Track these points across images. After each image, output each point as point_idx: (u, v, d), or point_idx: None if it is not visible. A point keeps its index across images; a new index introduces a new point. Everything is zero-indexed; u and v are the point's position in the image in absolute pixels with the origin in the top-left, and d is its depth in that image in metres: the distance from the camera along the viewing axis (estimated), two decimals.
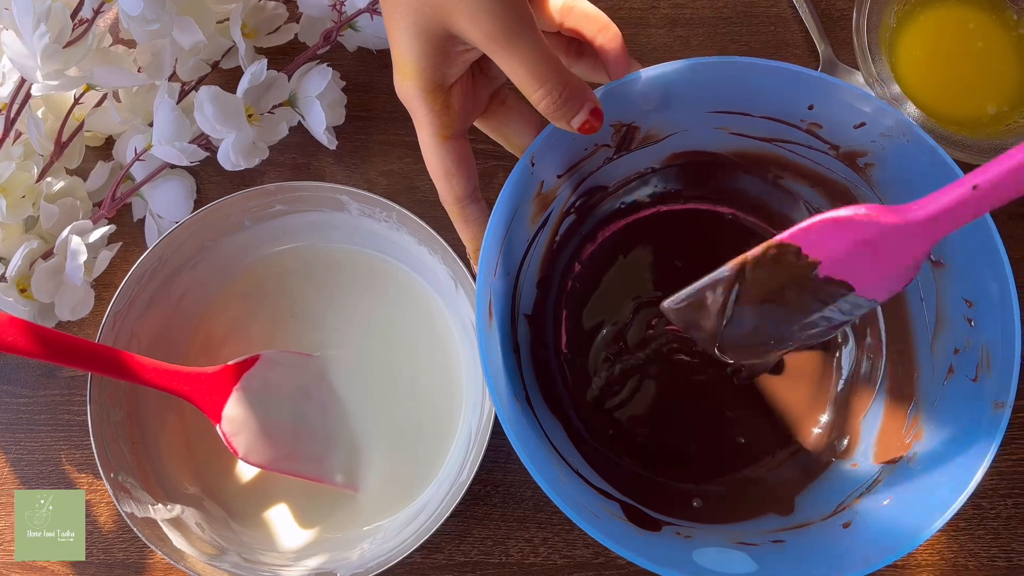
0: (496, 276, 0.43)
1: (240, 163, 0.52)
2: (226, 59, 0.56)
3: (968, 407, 0.42)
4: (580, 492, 0.44)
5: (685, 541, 0.44)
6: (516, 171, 0.42)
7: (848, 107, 0.43)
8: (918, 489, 0.42)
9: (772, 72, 0.43)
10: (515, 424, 0.40)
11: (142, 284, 0.50)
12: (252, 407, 0.50)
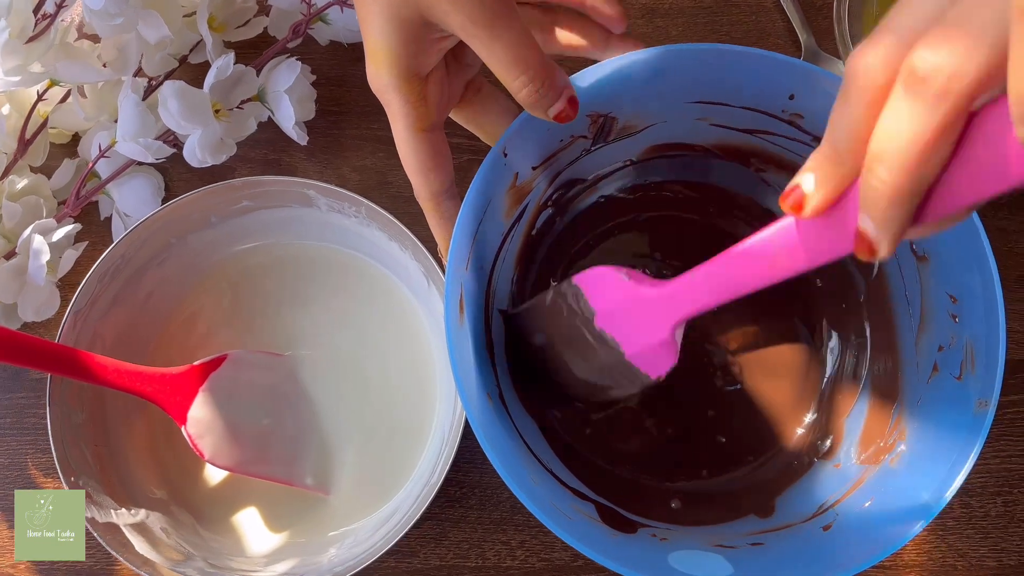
0: (468, 270, 0.42)
1: (207, 160, 0.51)
2: (194, 54, 0.55)
3: (952, 406, 0.41)
4: (553, 493, 0.43)
5: (661, 544, 0.43)
6: (488, 161, 0.41)
7: (829, 96, 0.41)
8: (900, 491, 0.40)
9: (751, 59, 0.42)
10: (485, 423, 0.39)
11: (104, 282, 0.48)
12: (219, 408, 0.48)
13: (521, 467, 0.41)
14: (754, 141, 0.47)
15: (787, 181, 0.47)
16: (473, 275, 0.43)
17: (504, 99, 0.43)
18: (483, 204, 0.42)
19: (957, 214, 0.25)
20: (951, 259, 0.41)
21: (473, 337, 0.43)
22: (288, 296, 0.54)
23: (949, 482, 0.38)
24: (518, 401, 0.47)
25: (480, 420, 0.38)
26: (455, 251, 0.40)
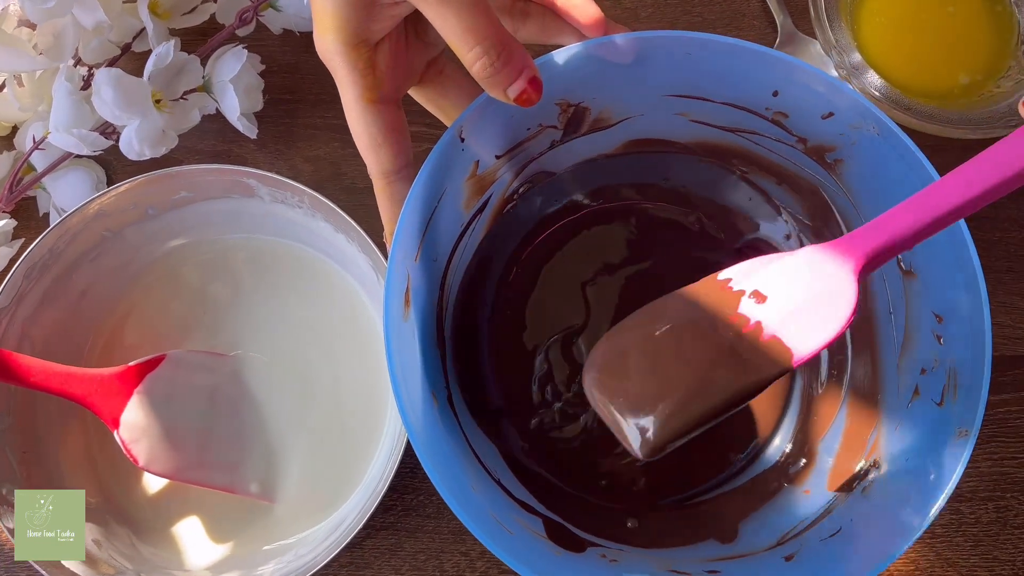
0: (418, 260, 0.39)
1: (145, 152, 0.48)
2: (138, 42, 0.52)
3: (931, 434, 0.38)
4: (495, 504, 0.40)
5: (610, 565, 0.40)
6: (441, 144, 0.38)
7: (814, 94, 0.39)
8: (869, 523, 0.38)
9: (731, 51, 0.39)
10: (422, 426, 0.36)
11: (33, 278, 0.46)
12: (155, 411, 0.46)
13: (461, 474, 0.38)
14: (737, 140, 0.44)
15: (773, 186, 0.45)
16: (424, 266, 0.40)
17: (467, 82, 0.41)
18: (436, 191, 0.39)
19: None
20: (939, 275, 0.39)
21: (421, 333, 0.40)
22: (231, 292, 0.51)
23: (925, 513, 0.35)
24: (467, 406, 0.45)
25: (416, 421, 0.35)
26: (400, 239, 0.37)
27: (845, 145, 0.40)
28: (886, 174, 0.39)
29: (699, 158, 0.47)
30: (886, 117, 0.38)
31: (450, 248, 0.44)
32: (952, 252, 0.37)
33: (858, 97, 0.38)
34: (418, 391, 0.38)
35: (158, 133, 0.48)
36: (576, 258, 0.49)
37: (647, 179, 0.49)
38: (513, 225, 0.48)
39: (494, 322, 0.48)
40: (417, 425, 0.35)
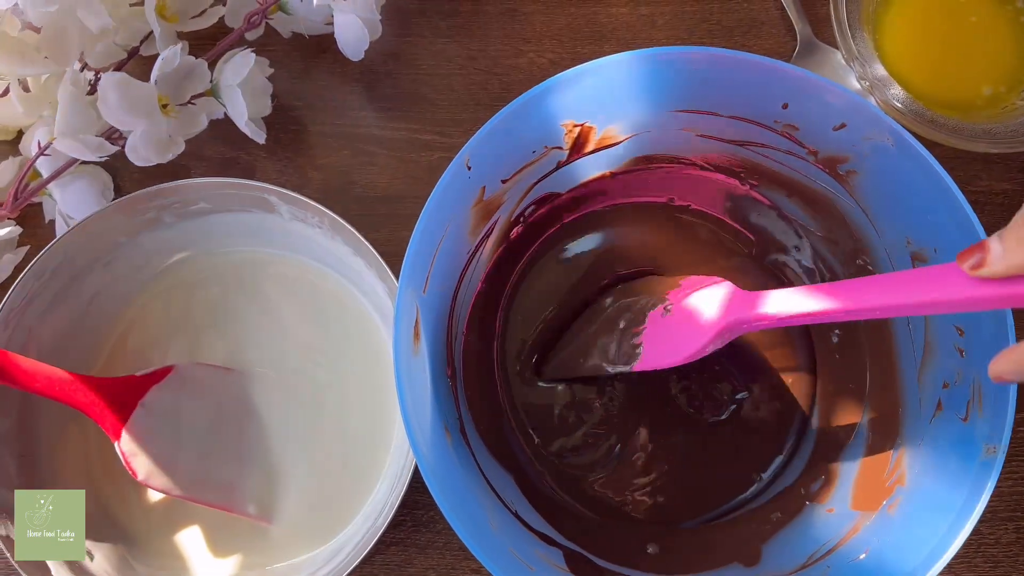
0: (425, 293, 0.38)
1: (151, 158, 0.47)
2: (145, 45, 0.51)
3: (957, 450, 0.37)
4: (515, 537, 0.39)
5: None
6: (449, 174, 0.38)
7: (826, 106, 0.38)
8: (898, 543, 0.37)
9: (739, 65, 0.38)
10: (435, 462, 0.35)
11: (43, 280, 0.45)
12: (158, 425, 0.45)
13: (478, 509, 0.37)
14: (746, 154, 0.44)
15: (784, 199, 0.45)
16: (433, 296, 0.40)
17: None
18: (443, 221, 0.39)
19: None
20: None
21: (431, 366, 0.40)
22: (244, 307, 0.50)
23: (953, 535, 0.34)
24: (481, 437, 0.44)
25: (430, 458, 0.35)
26: (409, 274, 0.36)
27: (858, 156, 0.40)
28: (901, 184, 0.38)
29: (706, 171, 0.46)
30: (900, 127, 0.37)
31: (457, 276, 0.43)
32: None
33: (872, 108, 0.37)
34: (430, 426, 0.37)
35: (164, 139, 0.47)
36: (586, 278, 0.48)
37: (655, 196, 0.48)
38: (519, 248, 0.48)
39: (504, 349, 0.47)
40: (431, 463, 0.35)
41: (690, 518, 0.45)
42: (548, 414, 0.46)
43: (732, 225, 0.48)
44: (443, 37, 0.54)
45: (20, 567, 0.41)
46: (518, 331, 0.47)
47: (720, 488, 0.45)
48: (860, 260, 0.43)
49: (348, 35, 0.48)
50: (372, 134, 0.53)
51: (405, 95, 0.54)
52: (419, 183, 0.52)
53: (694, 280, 0.43)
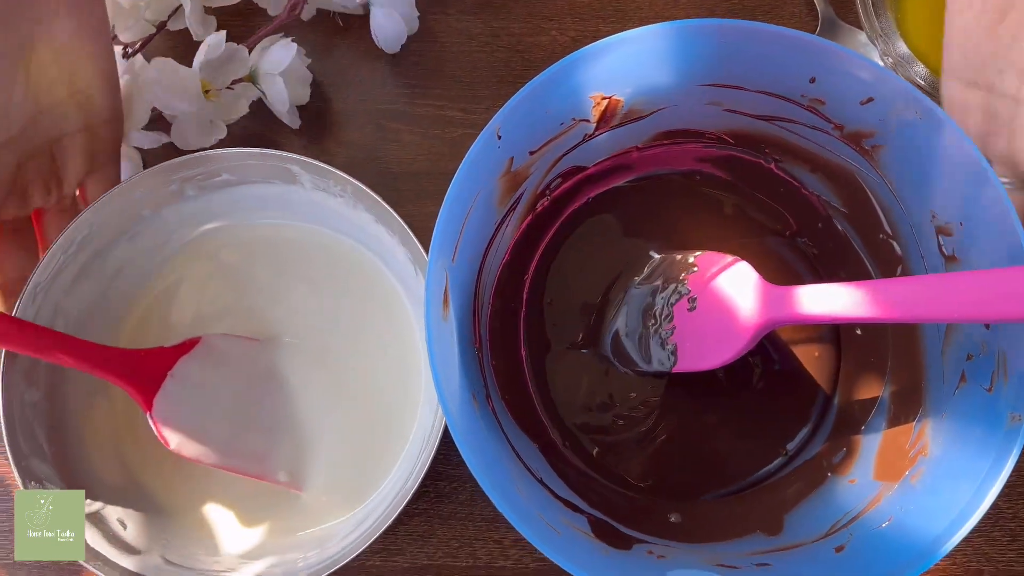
0: (454, 261, 0.39)
1: (196, 143, 0.48)
2: (174, 20, 0.51)
3: (981, 420, 0.37)
4: (541, 504, 0.39)
5: (658, 561, 0.39)
6: (479, 143, 0.38)
7: (854, 79, 0.39)
8: (922, 511, 0.37)
9: (770, 38, 0.38)
10: (467, 429, 0.35)
11: (70, 255, 0.45)
12: (188, 395, 0.46)
13: (506, 476, 0.38)
14: (770, 129, 0.44)
15: (807, 175, 0.45)
16: (461, 266, 0.40)
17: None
18: (472, 190, 0.39)
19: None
20: (985, 260, 0.38)
21: (459, 333, 0.40)
22: (268, 278, 0.50)
23: (975, 506, 0.34)
24: (506, 406, 0.44)
25: (461, 424, 0.35)
26: (440, 240, 0.37)
27: (885, 130, 0.40)
28: (928, 158, 0.39)
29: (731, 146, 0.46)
30: (930, 101, 0.37)
31: (484, 247, 0.43)
32: (1000, 238, 0.36)
33: (901, 81, 0.38)
34: (458, 393, 0.37)
35: (207, 123, 0.48)
36: (611, 251, 0.48)
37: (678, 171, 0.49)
38: (545, 221, 0.48)
39: (529, 320, 0.47)
40: (462, 428, 0.35)
41: (713, 490, 0.45)
42: (572, 386, 0.47)
43: (756, 201, 0.48)
44: (467, 15, 0.55)
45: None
46: (543, 303, 0.48)
47: (745, 462, 0.45)
48: (882, 235, 0.44)
49: (387, 31, 0.49)
50: (396, 111, 0.53)
51: (429, 72, 0.54)
52: (443, 159, 0.53)
53: (707, 259, 0.43)
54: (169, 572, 0.44)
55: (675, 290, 0.44)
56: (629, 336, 0.45)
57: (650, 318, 0.44)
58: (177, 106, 0.47)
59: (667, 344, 0.43)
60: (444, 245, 0.37)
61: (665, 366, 0.43)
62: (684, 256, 0.45)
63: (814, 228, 0.47)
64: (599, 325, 0.47)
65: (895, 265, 0.43)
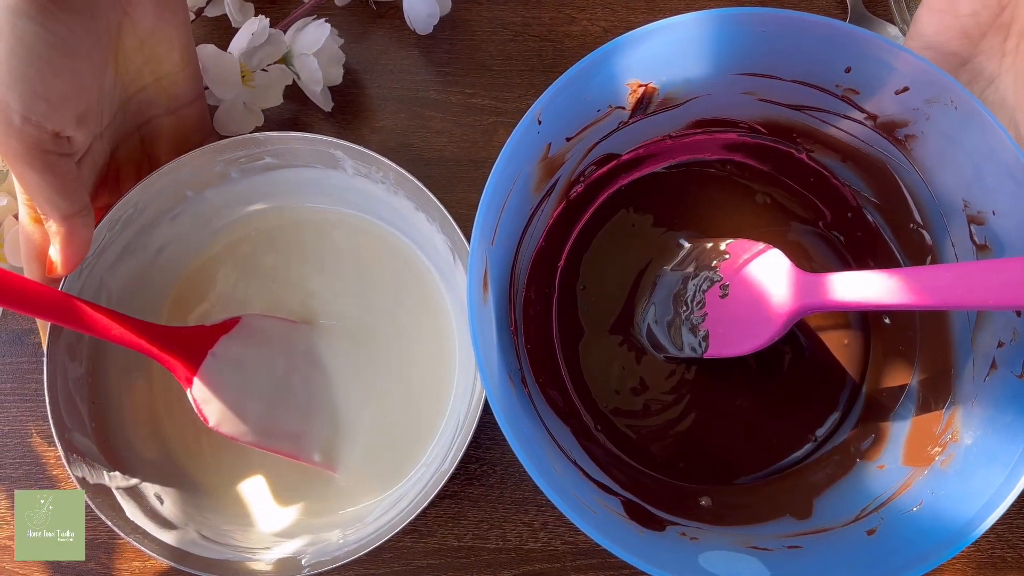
0: (493, 244, 0.39)
1: (237, 129, 0.49)
2: (212, 6, 0.52)
3: (1012, 406, 0.38)
4: (577, 485, 0.40)
5: (691, 543, 0.40)
6: (520, 128, 0.38)
7: (890, 69, 0.39)
8: (952, 496, 0.37)
9: (806, 27, 0.39)
10: (507, 409, 0.36)
11: (115, 232, 0.46)
12: (228, 374, 0.46)
13: (544, 456, 0.38)
14: (802, 118, 0.45)
15: (838, 164, 0.46)
16: (499, 251, 0.41)
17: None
18: (513, 175, 0.39)
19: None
20: (1016, 250, 0.38)
21: (496, 318, 0.41)
22: (307, 261, 0.51)
23: (1007, 491, 0.35)
24: (540, 389, 0.45)
25: (502, 405, 0.36)
26: (482, 223, 0.37)
27: (919, 120, 0.40)
28: (961, 147, 0.39)
29: (763, 135, 0.47)
30: (966, 90, 0.37)
31: (520, 232, 0.44)
32: None
33: (937, 71, 0.38)
34: (497, 375, 0.38)
35: (244, 110, 0.48)
36: (643, 238, 0.49)
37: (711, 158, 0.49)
38: (579, 207, 0.48)
39: (562, 305, 0.48)
40: (504, 408, 0.36)
41: (744, 475, 0.46)
42: (605, 371, 0.47)
43: (787, 190, 0.49)
44: (499, 4, 0.55)
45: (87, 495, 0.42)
46: (577, 289, 0.48)
47: (774, 447, 0.46)
48: (913, 224, 0.44)
49: (419, 10, 0.49)
50: (429, 98, 0.54)
51: (461, 60, 0.55)
52: (474, 146, 0.53)
53: (739, 246, 0.44)
54: (205, 547, 0.44)
55: (707, 277, 0.44)
56: (660, 322, 0.46)
57: (682, 304, 0.45)
58: (222, 93, 0.47)
59: (699, 330, 0.44)
60: (485, 229, 0.38)
61: (697, 352, 0.44)
62: (716, 243, 0.46)
63: (844, 217, 0.48)
64: (631, 311, 0.47)
65: (925, 254, 0.44)
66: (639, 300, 0.48)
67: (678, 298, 0.45)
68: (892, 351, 0.46)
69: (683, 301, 0.45)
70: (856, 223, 0.47)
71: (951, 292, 0.34)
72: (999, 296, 0.33)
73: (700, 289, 0.44)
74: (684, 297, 0.45)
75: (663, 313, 0.46)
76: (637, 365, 0.47)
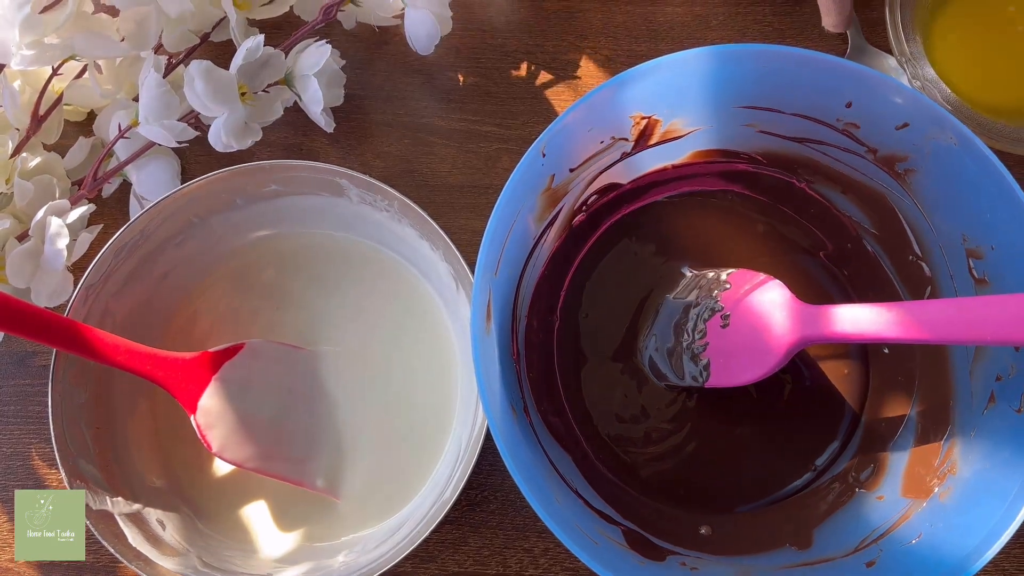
0: (496, 275, 0.40)
1: (232, 144, 0.48)
2: (217, 31, 0.52)
3: (1010, 440, 0.38)
4: (578, 514, 0.40)
5: (691, 573, 0.40)
6: (525, 162, 0.39)
7: (891, 105, 0.40)
8: (951, 529, 0.38)
9: (807, 64, 0.39)
10: (509, 440, 0.36)
11: (121, 258, 0.46)
12: (231, 399, 0.46)
13: (545, 486, 0.39)
14: (803, 151, 0.45)
15: (838, 196, 0.46)
16: (503, 281, 0.41)
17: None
18: (516, 207, 0.40)
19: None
20: (1014, 284, 0.39)
21: (499, 347, 0.41)
22: (311, 287, 0.51)
23: (1006, 524, 0.35)
24: (542, 418, 0.45)
25: (504, 435, 0.36)
26: (486, 255, 0.38)
27: (919, 155, 0.41)
28: (961, 183, 0.39)
29: (764, 167, 0.47)
30: (965, 127, 0.38)
31: (523, 261, 0.44)
32: None
33: (937, 108, 0.38)
34: (499, 404, 0.38)
35: (242, 125, 0.49)
36: (645, 267, 0.49)
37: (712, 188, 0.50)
38: (581, 236, 0.49)
39: (564, 333, 0.48)
40: (506, 439, 0.36)
41: (744, 504, 0.46)
42: (606, 399, 0.47)
43: (787, 220, 0.49)
44: (504, 32, 0.56)
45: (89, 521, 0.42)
46: (579, 317, 0.48)
47: (775, 476, 0.46)
48: (912, 256, 0.45)
49: (420, 30, 0.50)
50: (433, 124, 0.54)
51: (465, 87, 0.55)
52: (478, 173, 0.54)
53: (740, 277, 0.44)
54: (206, 574, 0.44)
55: (708, 306, 0.45)
56: (661, 351, 0.46)
57: (683, 333, 0.45)
58: (215, 108, 0.47)
59: (700, 359, 0.44)
60: (489, 261, 0.38)
61: (698, 381, 0.44)
62: (717, 273, 0.46)
63: (844, 248, 0.48)
64: (633, 339, 0.48)
65: (924, 286, 0.44)
66: (641, 328, 0.48)
67: (680, 327, 0.46)
68: (891, 382, 0.46)
69: (684, 330, 0.45)
70: (856, 253, 0.48)
71: (949, 328, 0.35)
72: (997, 332, 0.33)
73: (701, 318, 0.45)
74: (685, 326, 0.45)
75: (665, 341, 0.46)
76: (639, 393, 0.47)
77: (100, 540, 0.42)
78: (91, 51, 0.48)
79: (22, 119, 0.50)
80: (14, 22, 0.43)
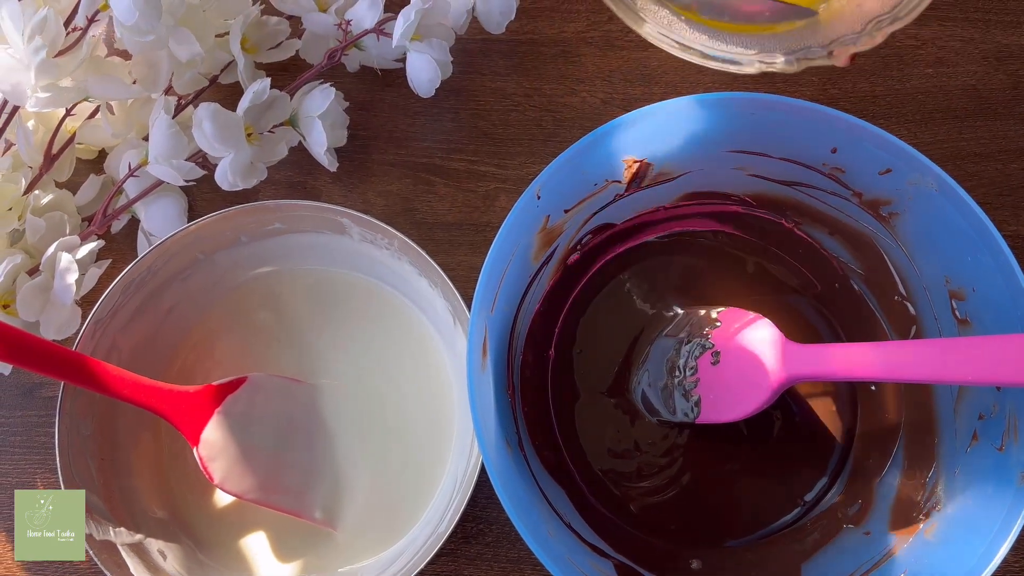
0: (493, 312, 0.41)
1: (238, 183, 0.50)
2: (225, 74, 0.54)
3: (992, 478, 0.39)
4: (571, 548, 0.41)
5: None
6: (521, 203, 0.40)
7: (874, 152, 0.41)
8: (936, 565, 0.39)
9: (795, 111, 0.41)
10: (503, 475, 0.37)
11: (128, 294, 0.48)
12: (233, 432, 0.47)
13: (538, 519, 0.40)
14: (791, 193, 0.47)
15: (826, 237, 0.47)
16: (499, 319, 0.42)
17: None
18: (512, 246, 0.41)
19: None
20: (995, 325, 0.40)
21: (495, 382, 0.42)
22: (312, 323, 0.52)
23: (989, 556, 0.36)
24: (536, 452, 0.46)
25: (498, 469, 0.37)
26: (482, 293, 0.39)
27: (902, 199, 0.42)
28: (943, 226, 0.41)
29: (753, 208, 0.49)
30: (944, 173, 0.39)
31: (519, 299, 0.46)
32: (1009, 299, 0.38)
33: (919, 156, 0.40)
34: (494, 439, 0.39)
35: (248, 165, 0.50)
36: (637, 304, 0.50)
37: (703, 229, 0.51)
38: (576, 274, 0.50)
39: (559, 369, 0.49)
40: (501, 475, 0.37)
41: (734, 538, 0.47)
42: (599, 434, 0.48)
43: (776, 260, 0.50)
44: (502, 75, 0.57)
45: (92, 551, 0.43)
46: (573, 353, 0.50)
47: (764, 510, 0.47)
48: (897, 296, 0.46)
49: (421, 75, 0.51)
50: (433, 164, 0.56)
51: (465, 128, 0.57)
52: (476, 211, 0.55)
53: (730, 315, 0.46)
54: None
55: (699, 344, 0.46)
56: (654, 387, 0.47)
57: (675, 370, 0.46)
58: (222, 148, 0.49)
59: (691, 396, 0.45)
60: (485, 299, 0.40)
61: (689, 417, 0.45)
62: (708, 311, 0.47)
63: (832, 288, 0.49)
64: (626, 375, 0.49)
65: (909, 325, 0.46)
66: (634, 364, 0.49)
67: (671, 364, 0.47)
68: (878, 419, 0.47)
69: (676, 367, 0.46)
70: (843, 293, 0.49)
71: (934, 368, 0.36)
72: (979, 372, 0.35)
73: (692, 355, 0.46)
74: (677, 363, 0.46)
75: (657, 378, 0.47)
76: (631, 428, 0.48)
77: (103, 570, 0.43)
78: (104, 93, 0.49)
79: (35, 157, 0.51)
80: (30, 66, 0.45)
